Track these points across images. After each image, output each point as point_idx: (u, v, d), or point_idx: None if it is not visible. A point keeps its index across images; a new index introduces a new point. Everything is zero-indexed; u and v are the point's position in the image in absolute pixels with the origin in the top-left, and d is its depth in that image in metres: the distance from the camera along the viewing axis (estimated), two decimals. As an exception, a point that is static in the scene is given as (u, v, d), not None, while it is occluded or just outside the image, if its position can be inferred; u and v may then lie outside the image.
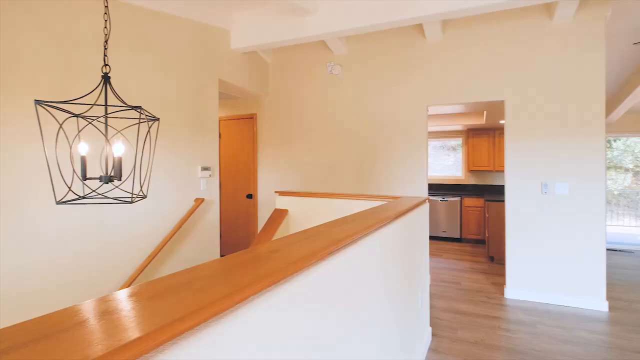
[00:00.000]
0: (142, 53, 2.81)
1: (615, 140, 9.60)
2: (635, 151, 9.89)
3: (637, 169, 9.95)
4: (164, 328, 0.49)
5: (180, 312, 0.53)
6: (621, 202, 9.65)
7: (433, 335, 2.63)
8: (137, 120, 2.58)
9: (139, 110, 1.81)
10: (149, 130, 1.79)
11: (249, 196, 4.62)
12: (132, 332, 0.46)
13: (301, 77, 4.44)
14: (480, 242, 6.01)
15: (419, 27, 3.83)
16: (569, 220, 3.30)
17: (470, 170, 6.43)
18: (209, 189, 3.40)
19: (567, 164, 3.32)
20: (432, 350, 2.42)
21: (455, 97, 3.74)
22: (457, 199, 6.10)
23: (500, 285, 3.77)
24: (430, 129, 6.59)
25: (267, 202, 4.56)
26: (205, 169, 3.31)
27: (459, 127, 6.39)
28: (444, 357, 2.33)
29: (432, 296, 3.47)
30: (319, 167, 4.31)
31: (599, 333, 2.73)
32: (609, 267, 4.64)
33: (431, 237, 6.35)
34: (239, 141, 4.72)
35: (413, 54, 3.89)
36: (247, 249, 0.98)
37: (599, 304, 3.19)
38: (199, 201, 3.14)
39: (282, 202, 2.98)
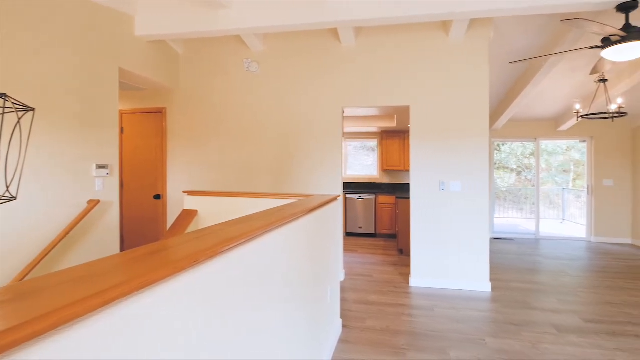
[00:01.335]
0: (22, 33, 2.41)
1: (503, 145, 11.20)
2: (518, 154, 11.66)
3: (520, 169, 11.76)
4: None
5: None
6: (508, 197, 11.29)
7: (344, 326, 2.75)
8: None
9: (3, 97, 1.55)
10: (18, 122, 1.55)
11: (157, 197, 4.28)
12: None
13: (217, 71, 4.26)
14: (392, 236, 6.48)
15: (335, 31, 3.97)
16: (461, 214, 3.74)
17: (385, 170, 6.90)
18: (107, 189, 3.05)
19: (460, 164, 3.75)
20: (342, 341, 2.53)
21: (367, 100, 3.96)
22: (372, 196, 6.50)
23: (407, 275, 4.11)
24: (349, 129, 6.88)
25: (178, 203, 4.27)
26: (101, 167, 2.96)
27: (374, 129, 6.80)
28: (352, 347, 2.45)
29: (345, 289, 3.62)
30: (236, 166, 4.20)
31: (483, 310, 3.14)
32: (494, 253, 5.39)
33: (348, 234, 6.65)
34: (146, 137, 4.34)
35: (329, 56, 4.02)
36: (124, 252, 0.90)
37: (484, 286, 3.68)
38: (94, 203, 2.81)
39: (191, 203, 2.82)
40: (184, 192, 2.87)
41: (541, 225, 7.01)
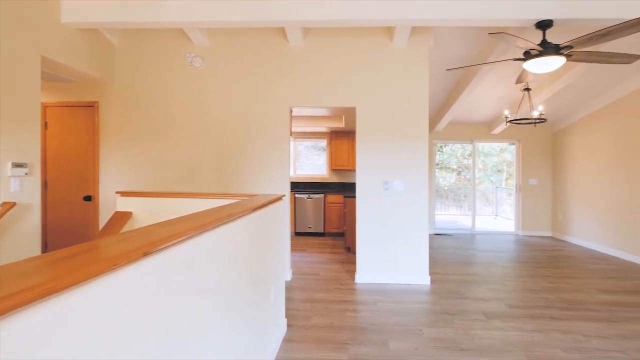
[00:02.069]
0: None
1: (444, 146, 11.93)
2: (458, 155, 12.48)
3: (460, 169, 12.61)
4: None
5: None
6: (449, 195, 12.07)
7: (289, 326, 2.75)
8: None
9: None
10: None
11: (88, 198, 3.95)
12: None
13: (157, 65, 4.04)
14: (340, 235, 6.62)
15: (283, 30, 3.95)
16: (404, 212, 3.92)
17: (334, 169, 7.03)
18: (26, 189, 2.76)
19: (402, 165, 3.93)
20: (287, 340, 2.53)
21: (315, 100, 4.00)
22: (322, 196, 6.58)
23: (353, 272, 4.22)
24: (299, 129, 6.90)
25: (112, 205, 3.98)
26: (18, 165, 2.67)
27: (324, 129, 6.89)
28: (296, 345, 2.46)
29: (292, 289, 3.63)
30: (178, 166, 4.01)
31: (422, 302, 3.33)
32: (435, 248, 5.73)
33: (298, 233, 6.67)
34: (75, 133, 3.99)
35: (277, 55, 3.99)
36: (36, 256, 0.82)
37: (424, 279, 3.89)
38: (8, 205, 2.52)
39: (125, 204, 2.64)
40: (117, 192, 2.68)
41: (477, 221, 7.58)
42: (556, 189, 6.98)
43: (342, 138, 6.89)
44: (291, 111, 4.11)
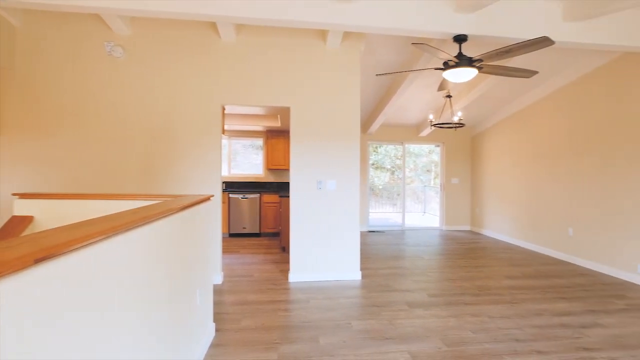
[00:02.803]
0: None
1: (379, 147, 12.52)
2: (392, 155, 13.18)
3: (393, 169, 13.33)
4: None
5: None
6: (384, 194, 12.69)
7: (217, 330, 2.68)
8: None
9: None
10: None
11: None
12: None
13: (68, 52, 3.64)
14: (276, 235, 6.61)
15: (214, 25, 3.81)
16: (336, 210, 4.04)
17: (270, 169, 6.98)
18: None
19: (335, 165, 4.05)
20: (214, 345, 2.46)
21: (248, 99, 3.93)
22: (257, 195, 6.50)
23: (287, 272, 4.24)
24: (235, 127, 6.73)
25: (9, 208, 3.50)
26: None
27: (260, 128, 6.80)
28: (224, 350, 2.40)
29: (223, 292, 3.54)
30: (94, 165, 3.67)
31: (353, 297, 3.46)
32: (368, 244, 5.99)
33: (232, 234, 6.51)
34: (-37, 126, 3.43)
35: (209, 50, 3.85)
36: None
37: (355, 275, 4.05)
38: None
39: (24, 207, 2.34)
40: (14, 194, 2.36)
41: (407, 218, 8.09)
42: (474, 187, 7.73)
43: (278, 137, 6.87)
44: (223, 109, 3.99)
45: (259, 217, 6.51)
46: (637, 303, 3.39)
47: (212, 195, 2.67)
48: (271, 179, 7.23)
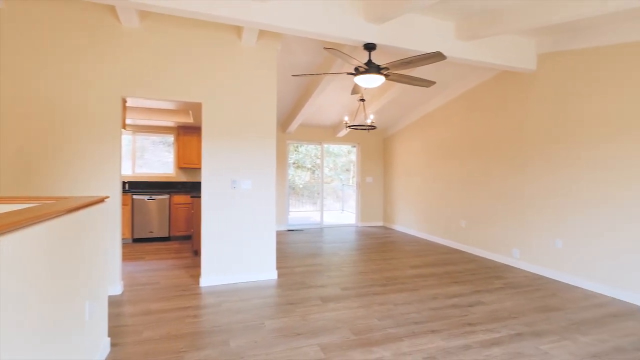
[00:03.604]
0: None
1: (300, 146, 12.68)
2: (312, 155, 13.45)
3: (314, 168, 13.62)
4: None
5: None
6: (304, 193, 12.90)
7: (114, 345, 2.42)
8: None
9: None
10: None
11: None
12: None
13: None
14: (188, 238, 6.25)
15: (113, 9, 3.43)
16: (252, 210, 3.97)
17: (181, 168, 6.55)
18: None
19: (251, 164, 3.97)
20: (109, 362, 2.21)
21: (156, 92, 3.62)
22: (167, 196, 6.05)
23: (198, 276, 4.03)
24: (141, 122, 6.16)
25: None
26: None
27: (171, 124, 6.34)
28: (121, 366, 2.18)
29: (122, 303, 3.21)
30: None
31: (267, 297, 3.44)
32: (286, 243, 6.03)
33: (137, 240, 5.95)
34: None
35: (107, 36, 3.44)
36: None
37: (271, 274, 4.04)
38: None
39: None
40: None
41: (326, 216, 8.35)
42: (386, 185, 8.32)
43: (191, 134, 6.47)
44: (124, 101, 3.62)
45: (169, 219, 6.05)
46: (511, 282, 4.01)
47: (108, 197, 2.40)
48: (183, 178, 6.79)
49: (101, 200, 2.27)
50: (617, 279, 3.53)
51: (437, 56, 3.06)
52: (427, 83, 3.85)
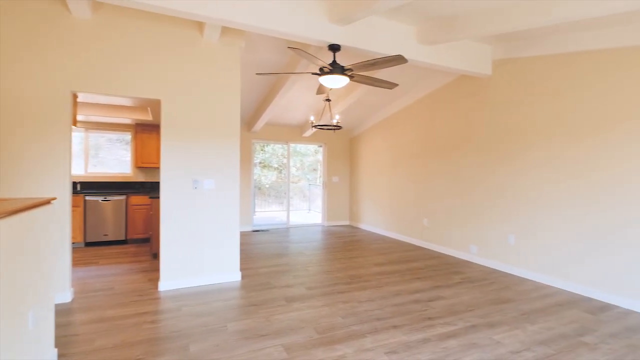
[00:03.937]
0: None
1: (267, 146, 12.54)
2: (279, 154, 13.35)
3: (280, 168, 13.52)
4: None
5: None
6: (271, 193, 12.76)
7: (61, 356, 2.26)
8: None
9: None
10: None
11: None
12: None
13: None
14: (146, 241, 5.98)
15: (61, -5, 3.21)
16: (215, 211, 3.87)
17: (139, 167, 6.26)
18: None
19: (213, 163, 3.87)
20: (55, 375, 2.06)
21: (110, 87, 3.43)
22: (123, 197, 5.75)
23: (157, 280, 3.87)
24: (96, 119, 5.81)
25: None
26: None
27: (128, 121, 6.04)
28: (69, 378, 2.04)
29: (72, 311, 3.01)
30: None
31: (230, 299, 3.37)
32: (251, 244, 5.93)
33: (89, 244, 5.61)
34: None
35: (55, 26, 3.21)
36: None
37: (235, 276, 3.96)
38: None
39: None
40: None
41: (293, 215, 8.32)
42: (352, 185, 8.44)
43: (150, 132, 6.19)
44: (75, 96, 3.39)
45: (126, 221, 5.75)
46: (469, 276, 4.21)
47: (55, 198, 2.24)
48: (141, 178, 6.48)
49: (47, 201, 2.11)
50: (563, 271, 3.81)
51: (399, 59, 3.15)
52: (390, 85, 3.94)
